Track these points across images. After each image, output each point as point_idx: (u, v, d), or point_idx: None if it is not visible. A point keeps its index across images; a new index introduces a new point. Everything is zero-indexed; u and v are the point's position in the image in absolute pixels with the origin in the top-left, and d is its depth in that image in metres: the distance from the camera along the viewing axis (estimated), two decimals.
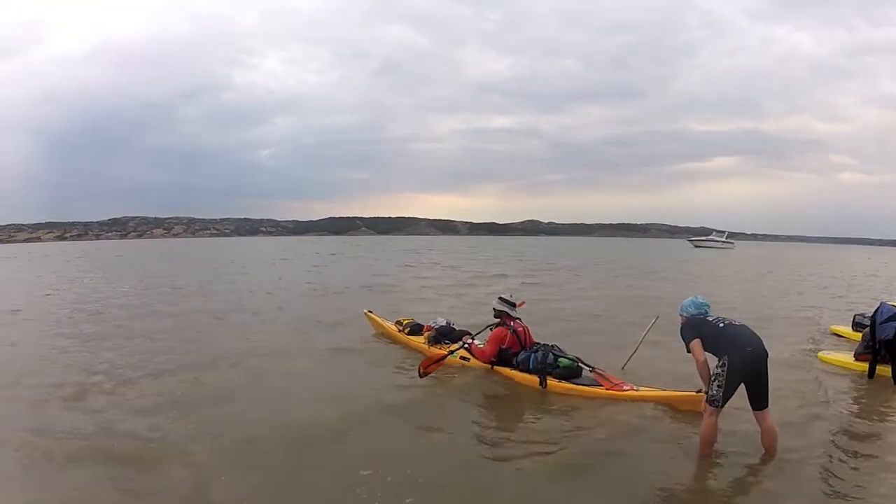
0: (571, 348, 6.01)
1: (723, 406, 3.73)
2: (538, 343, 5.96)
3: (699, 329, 3.89)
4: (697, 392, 4.61)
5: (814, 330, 9.16)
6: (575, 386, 5.37)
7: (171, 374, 6.22)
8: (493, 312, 6.31)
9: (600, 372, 5.47)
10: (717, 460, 3.91)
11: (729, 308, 10.68)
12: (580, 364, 5.62)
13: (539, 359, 5.65)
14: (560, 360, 5.60)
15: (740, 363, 3.64)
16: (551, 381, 5.49)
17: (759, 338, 3.78)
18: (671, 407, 4.84)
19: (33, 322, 10.13)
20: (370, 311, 8.83)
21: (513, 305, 6.18)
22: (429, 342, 6.88)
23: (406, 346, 7.36)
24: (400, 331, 7.73)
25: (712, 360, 3.85)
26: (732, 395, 3.72)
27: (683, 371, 5.14)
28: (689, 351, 3.93)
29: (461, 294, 14.36)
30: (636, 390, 5.10)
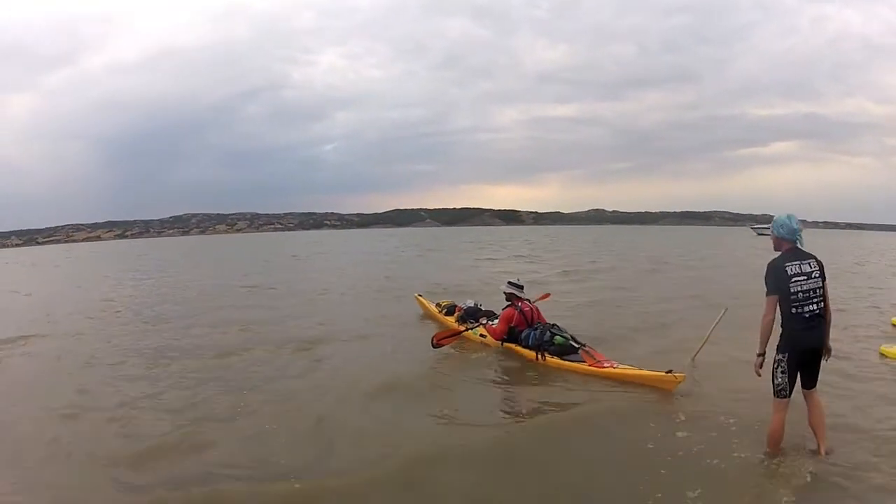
0: None
1: (790, 395, 4.13)
2: (539, 322, 7.32)
3: (782, 288, 4.07)
4: (667, 373, 5.91)
5: (876, 322, 9.82)
6: (564, 362, 6.80)
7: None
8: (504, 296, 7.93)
9: (587, 350, 6.86)
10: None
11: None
12: (573, 342, 6.95)
13: (537, 336, 7.13)
14: (556, 337, 7.06)
15: (798, 356, 4.08)
16: (546, 357, 6.95)
17: (821, 328, 4.12)
18: (644, 384, 6.08)
19: None
20: (419, 295, 11.28)
21: (520, 288, 7.68)
22: (458, 321, 8.75)
23: (442, 323, 9.27)
24: (439, 311, 9.76)
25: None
26: (796, 380, 4.13)
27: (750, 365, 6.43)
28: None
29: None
30: (615, 368, 6.41)
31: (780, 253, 4.25)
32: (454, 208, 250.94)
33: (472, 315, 8.73)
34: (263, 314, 11.55)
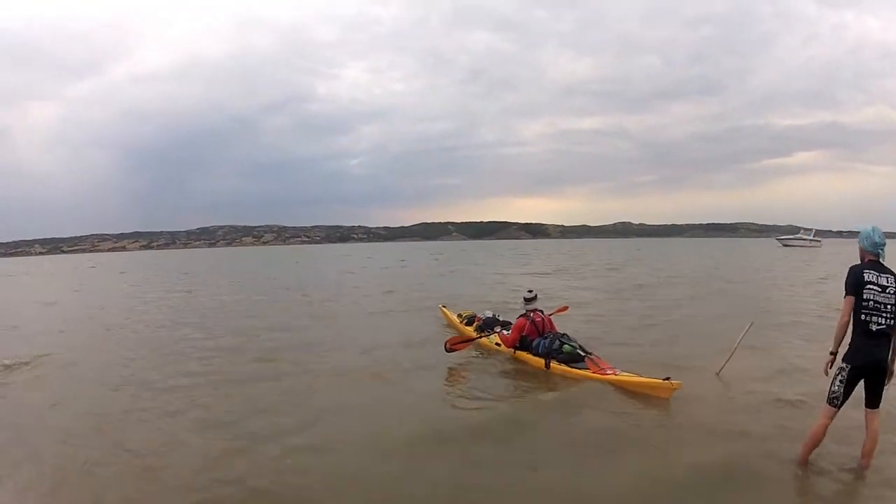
0: None
1: (841, 406, 4.37)
2: (550, 332, 8.06)
3: (859, 290, 4.28)
4: (665, 380, 6.44)
5: None
6: (570, 369, 7.43)
7: None
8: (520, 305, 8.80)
9: (592, 358, 7.47)
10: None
11: (810, 311, 12.18)
12: (580, 351, 7.63)
13: (546, 345, 7.82)
14: (564, 346, 7.70)
15: (858, 371, 4.30)
16: (554, 364, 7.59)
17: (885, 347, 4.30)
18: (642, 391, 6.59)
19: None
20: (443, 306, 12.42)
21: (532, 300, 8.47)
22: (477, 330, 9.54)
23: (462, 333, 9.94)
24: (460, 321, 10.68)
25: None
26: (851, 393, 4.35)
27: (776, 377, 7.04)
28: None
29: None
30: (616, 375, 7.02)
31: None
32: (481, 221, 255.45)
33: (490, 325, 9.50)
34: (296, 335, 11.34)
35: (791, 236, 78.87)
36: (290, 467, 4.87)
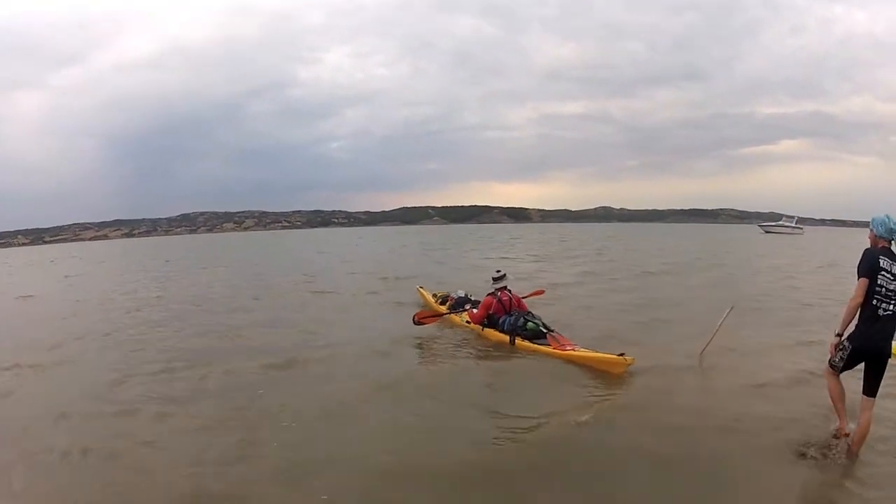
0: None
1: (840, 373, 4.55)
2: (517, 310, 8.52)
3: (874, 274, 4.31)
4: (619, 356, 6.81)
5: None
6: (533, 345, 7.88)
7: None
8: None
9: (554, 335, 7.91)
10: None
11: (798, 297, 12.97)
12: (543, 328, 8.09)
13: (512, 322, 8.25)
14: (528, 323, 8.14)
15: (857, 354, 4.40)
16: (518, 340, 8.04)
17: (889, 334, 4.37)
18: (597, 366, 6.94)
19: None
20: (421, 287, 13.04)
21: (500, 279, 8.94)
22: (449, 309, 10.12)
23: (436, 311, 10.36)
24: (435, 301, 11.32)
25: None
26: (850, 369, 4.51)
27: (757, 363, 7.31)
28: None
29: None
30: (575, 350, 7.44)
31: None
32: (462, 206, 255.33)
33: (461, 304, 10.04)
34: (285, 333, 10.29)
35: (773, 223, 79.79)
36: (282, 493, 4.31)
